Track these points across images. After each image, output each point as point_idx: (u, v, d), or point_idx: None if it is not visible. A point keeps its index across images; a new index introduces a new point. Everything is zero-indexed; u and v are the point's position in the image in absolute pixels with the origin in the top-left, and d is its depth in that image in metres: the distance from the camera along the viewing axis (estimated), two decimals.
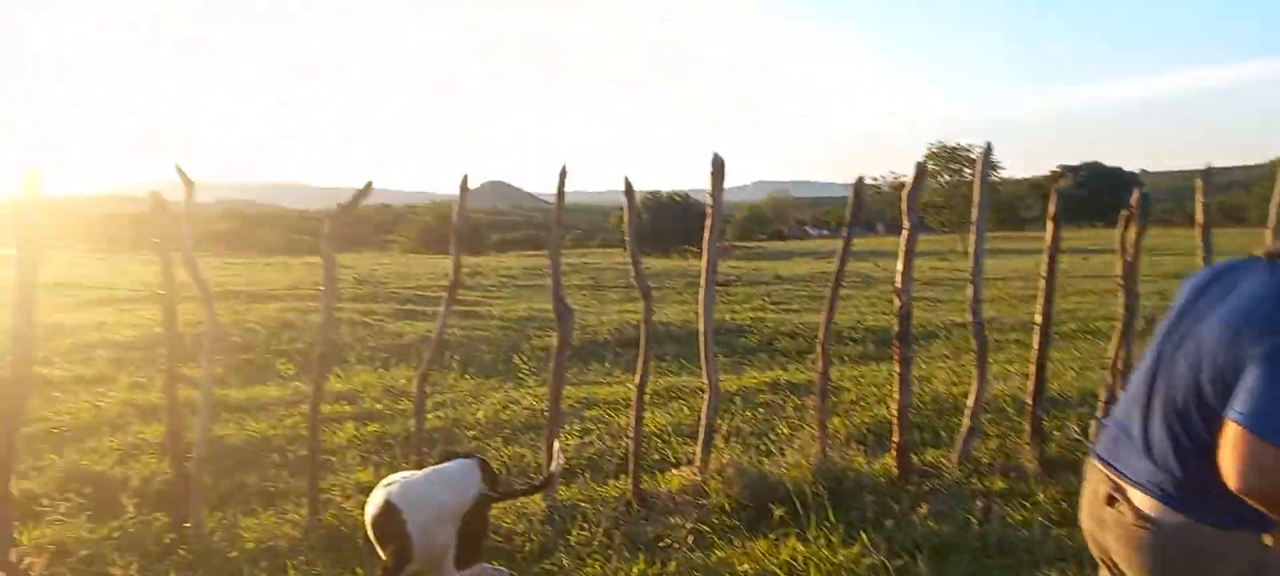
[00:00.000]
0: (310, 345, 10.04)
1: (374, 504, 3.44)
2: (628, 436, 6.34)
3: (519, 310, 14.30)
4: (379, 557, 3.43)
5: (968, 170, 51.76)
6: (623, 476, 5.23)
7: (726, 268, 23.58)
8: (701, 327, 4.61)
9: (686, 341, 11.38)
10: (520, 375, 8.72)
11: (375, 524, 3.42)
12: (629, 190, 4.56)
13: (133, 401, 7.07)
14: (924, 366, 8.88)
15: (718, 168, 4.15)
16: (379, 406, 7.24)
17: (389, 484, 3.47)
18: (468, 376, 8.68)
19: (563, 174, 4.18)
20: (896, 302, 4.96)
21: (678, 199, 45.50)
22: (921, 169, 4.88)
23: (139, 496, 4.72)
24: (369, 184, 4.23)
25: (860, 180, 4.88)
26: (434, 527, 3.37)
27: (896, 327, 5.03)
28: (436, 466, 3.72)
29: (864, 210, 5.15)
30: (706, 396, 4.88)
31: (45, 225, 3.78)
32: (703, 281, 4.51)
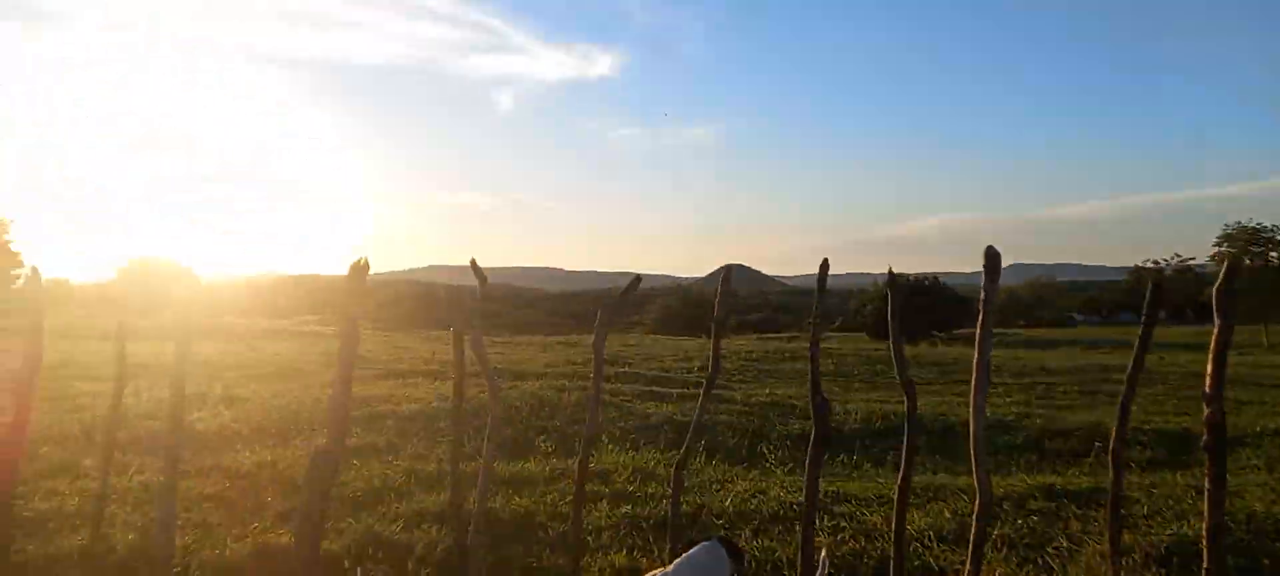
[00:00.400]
0: (566, 423, 10.55)
1: None
2: (883, 537, 6.02)
3: (761, 395, 14.20)
4: None
5: (1273, 253, 45.36)
6: None
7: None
8: (972, 427, 4.30)
9: (940, 435, 10.74)
10: (768, 465, 8.59)
11: None
12: (892, 279, 4.41)
13: (415, 470, 7.72)
14: (1232, 478, 7.73)
15: (992, 261, 3.91)
16: (630, 488, 7.40)
17: None
18: (714, 463, 8.67)
19: (824, 266, 4.12)
20: (1206, 410, 4.36)
21: (926, 282, 43.58)
22: (1236, 263, 4.31)
23: (423, 563, 5.12)
24: (638, 278, 4.41)
25: (1159, 272, 4.40)
26: None
27: (1206, 438, 4.41)
28: (686, 556, 3.73)
29: (1160, 303, 4.62)
30: (976, 501, 4.52)
31: (362, 308, 4.26)
32: (975, 377, 4.22)
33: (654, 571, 3.71)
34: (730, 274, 4.37)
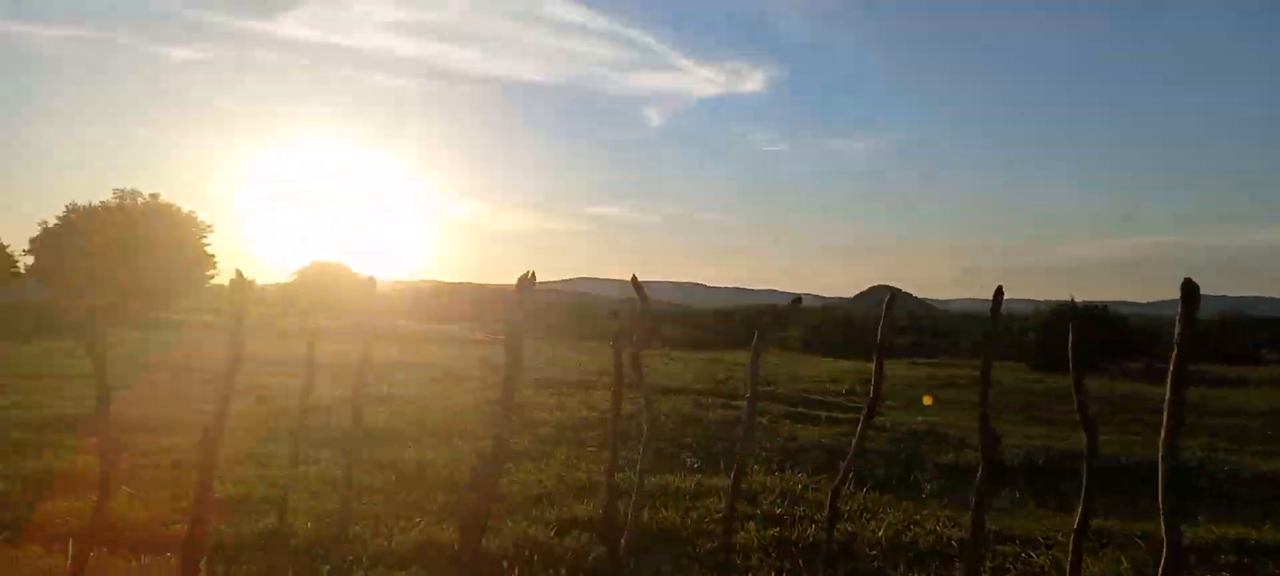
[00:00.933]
0: (710, 439, 10.55)
1: None
2: None
3: (914, 422, 13.70)
4: None
5: None
6: None
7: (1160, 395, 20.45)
8: (1161, 471, 3.99)
9: (1110, 475, 10.02)
10: (922, 496, 8.26)
11: None
12: (1073, 308, 4.16)
13: (565, 477, 7.92)
14: None
15: (1191, 292, 3.62)
16: (778, 510, 7.31)
17: None
18: (864, 491, 8.42)
19: (999, 293, 3.94)
20: None
21: (1096, 310, 40.88)
22: None
23: (576, 570, 5.23)
24: (798, 298, 4.36)
25: None
26: None
27: None
28: None
29: None
30: (1164, 552, 4.18)
31: (526, 319, 4.42)
32: (1166, 416, 3.92)
33: None
34: (893, 299, 4.25)
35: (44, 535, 5.71)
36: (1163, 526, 3.92)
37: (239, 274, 4.78)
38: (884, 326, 4.22)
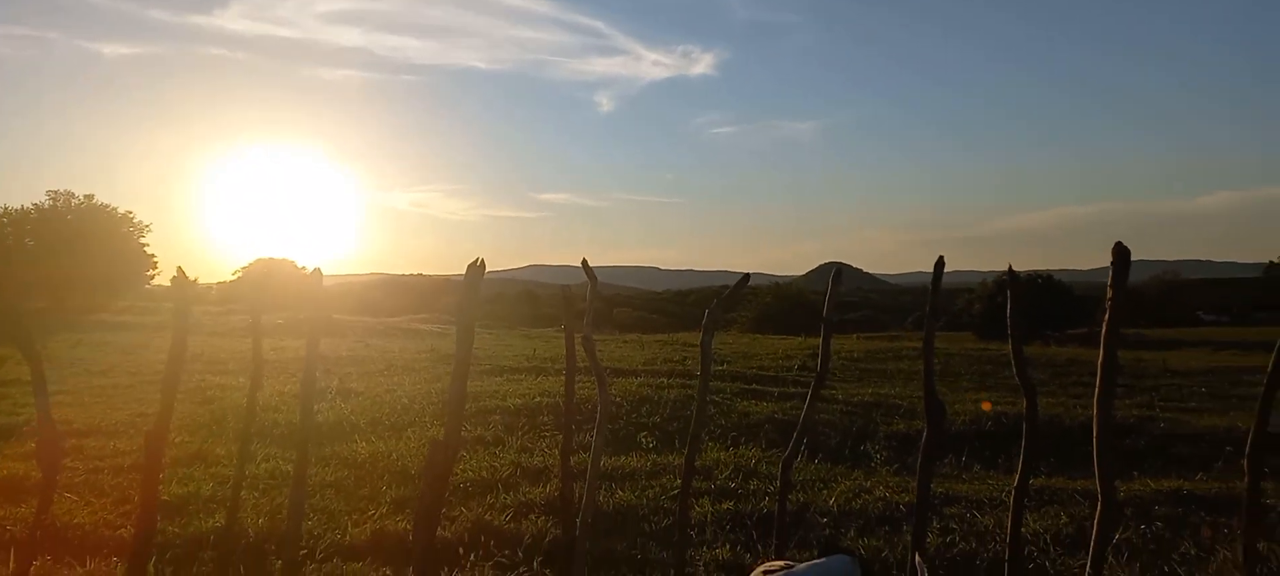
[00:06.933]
0: (667, 420, 10.63)
1: None
2: (995, 539, 5.86)
3: (864, 394, 13.95)
4: None
5: None
6: None
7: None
8: (1096, 427, 4.14)
9: (1054, 439, 10.34)
10: (872, 464, 8.44)
11: None
12: (1012, 276, 4.29)
13: (521, 463, 7.92)
14: None
15: (1122, 257, 3.76)
16: (733, 484, 7.41)
17: (769, 572, 3.50)
18: (816, 462, 8.58)
19: (939, 264, 4.04)
20: None
21: (1038, 279, 41.94)
22: None
23: (532, 552, 5.26)
24: (746, 277, 4.42)
25: None
26: None
27: None
28: (816, 562, 3.69)
29: None
30: (1099, 506, 4.35)
31: (478, 307, 4.41)
32: (1099, 376, 4.07)
33: (771, 563, 3.67)
34: (840, 274, 4.33)
35: None
36: (1097, 477, 4.07)
37: (181, 271, 4.68)
38: (830, 301, 4.30)
